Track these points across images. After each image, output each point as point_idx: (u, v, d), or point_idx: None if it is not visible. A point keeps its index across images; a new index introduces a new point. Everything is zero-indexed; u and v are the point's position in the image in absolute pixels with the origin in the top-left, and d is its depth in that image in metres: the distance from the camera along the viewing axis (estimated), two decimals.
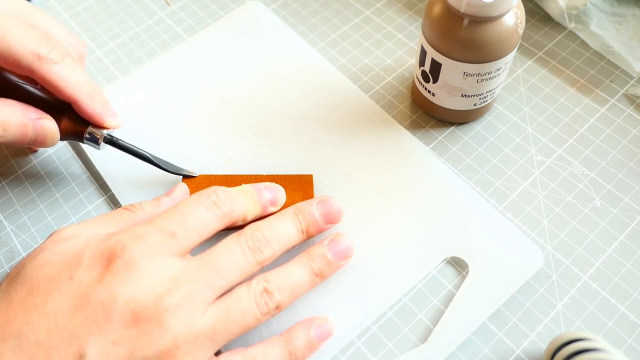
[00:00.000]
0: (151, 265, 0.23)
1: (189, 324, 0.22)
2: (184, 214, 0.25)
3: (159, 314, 0.22)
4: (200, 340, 0.22)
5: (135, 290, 0.22)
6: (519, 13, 0.28)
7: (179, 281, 0.23)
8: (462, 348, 0.27)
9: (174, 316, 0.22)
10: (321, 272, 0.27)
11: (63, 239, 0.24)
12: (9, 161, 0.34)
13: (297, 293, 0.26)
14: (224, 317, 0.23)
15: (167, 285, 0.22)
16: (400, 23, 0.40)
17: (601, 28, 0.36)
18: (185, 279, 0.23)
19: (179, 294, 0.22)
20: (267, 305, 0.24)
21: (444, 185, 0.31)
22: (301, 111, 0.35)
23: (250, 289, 0.24)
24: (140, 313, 0.22)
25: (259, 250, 0.25)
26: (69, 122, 0.29)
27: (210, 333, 0.23)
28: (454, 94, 0.31)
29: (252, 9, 0.40)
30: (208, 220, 0.25)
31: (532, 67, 0.37)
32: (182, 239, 0.24)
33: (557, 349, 0.24)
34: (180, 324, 0.22)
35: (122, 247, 0.23)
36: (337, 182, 0.32)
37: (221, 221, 0.25)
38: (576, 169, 0.32)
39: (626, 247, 0.29)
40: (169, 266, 0.23)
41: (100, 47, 0.40)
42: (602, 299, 0.28)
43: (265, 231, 0.26)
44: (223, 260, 0.24)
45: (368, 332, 0.27)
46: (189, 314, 0.22)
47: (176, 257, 0.24)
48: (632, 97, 0.35)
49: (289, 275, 0.26)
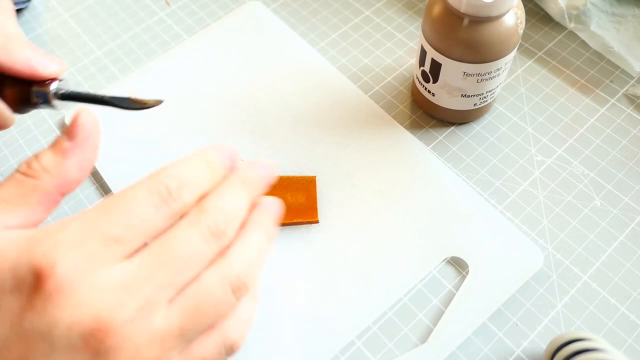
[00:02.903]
0: (92, 280, 0.19)
1: (150, 331, 0.19)
2: (130, 215, 0.20)
3: (113, 331, 0.19)
4: (168, 342, 0.20)
5: (78, 312, 0.18)
6: (519, 13, 0.28)
7: (131, 289, 0.19)
8: (462, 348, 0.27)
9: (132, 328, 0.19)
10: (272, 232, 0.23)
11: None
12: (9, 161, 0.34)
13: (260, 263, 0.23)
14: (192, 314, 0.20)
15: (117, 296, 0.19)
16: (400, 23, 0.40)
17: (601, 28, 0.36)
18: (139, 285, 0.19)
19: (133, 304, 0.19)
20: (241, 290, 0.21)
21: (444, 185, 0.31)
22: (301, 111, 0.35)
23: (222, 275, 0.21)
24: (91, 335, 0.18)
25: (223, 235, 0.21)
26: (11, 90, 0.25)
27: (178, 332, 0.20)
28: (454, 94, 0.31)
29: (252, 9, 0.40)
30: (157, 220, 0.21)
31: (532, 67, 0.37)
32: (127, 244, 0.20)
33: (557, 349, 0.24)
34: (140, 334, 0.19)
35: (51, 263, 0.19)
36: (337, 182, 0.32)
37: (171, 221, 0.21)
38: (576, 169, 0.32)
39: (626, 247, 0.29)
40: (115, 274, 0.19)
41: (100, 47, 0.40)
42: (602, 299, 0.28)
43: (225, 209, 0.22)
44: (182, 254, 0.20)
45: (368, 332, 0.27)
46: (148, 320, 0.19)
47: (122, 262, 0.20)
48: (632, 97, 0.35)
49: (251, 243, 0.22)
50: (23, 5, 0.41)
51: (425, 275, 0.29)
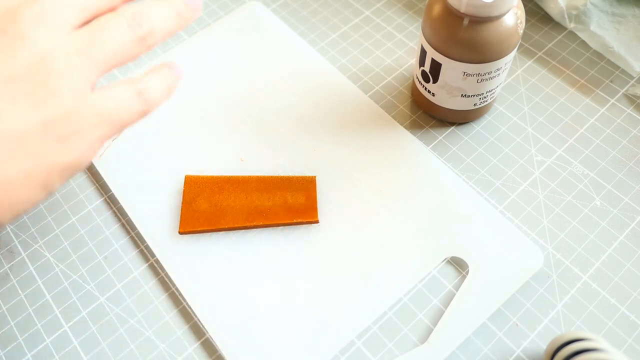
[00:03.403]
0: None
1: (54, 38, 0.20)
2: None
3: (16, 25, 0.20)
4: (74, 57, 0.20)
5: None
6: (519, 13, 0.28)
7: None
8: (462, 348, 0.27)
9: (34, 28, 0.20)
10: (180, 13, 0.23)
11: None
12: None
13: (167, 26, 0.23)
14: (95, 36, 0.21)
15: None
16: (400, 23, 0.40)
17: (601, 28, 0.36)
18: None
19: (36, 7, 0.20)
20: (140, 27, 0.22)
21: (444, 185, 0.31)
22: (301, 111, 0.35)
23: (118, 13, 0.22)
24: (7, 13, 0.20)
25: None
26: None
27: (85, 50, 0.20)
28: (454, 94, 0.31)
29: (252, 9, 0.40)
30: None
31: (532, 67, 0.37)
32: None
33: (557, 349, 0.24)
34: (43, 37, 0.20)
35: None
36: (337, 182, 0.32)
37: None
38: (576, 169, 0.32)
39: (626, 247, 0.29)
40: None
41: None
42: (602, 299, 0.28)
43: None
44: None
45: (368, 332, 0.27)
46: (51, 29, 0.20)
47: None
48: (632, 97, 0.35)
49: (154, 9, 0.23)
50: None
51: (425, 275, 0.29)
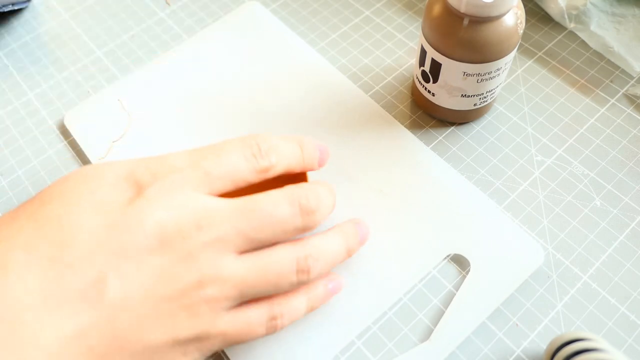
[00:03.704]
0: (183, 196, 0.21)
1: (217, 265, 0.21)
2: (221, 156, 0.22)
3: (187, 247, 0.20)
4: (227, 287, 0.21)
5: (165, 217, 0.20)
6: (519, 13, 0.28)
7: (214, 220, 0.21)
8: (462, 348, 0.27)
9: (202, 252, 0.20)
10: (352, 250, 0.25)
11: (84, 166, 0.22)
12: (9, 161, 0.34)
13: (333, 263, 0.24)
14: (257, 272, 0.21)
15: (200, 221, 0.21)
16: (400, 23, 0.40)
17: (601, 28, 0.36)
18: (219, 220, 0.21)
19: (211, 232, 0.20)
20: (308, 273, 0.23)
21: (445, 184, 0.31)
22: (301, 111, 0.35)
23: (294, 251, 0.22)
24: (167, 242, 0.20)
25: (312, 214, 0.23)
26: None
27: (240, 283, 0.21)
28: (454, 94, 0.31)
29: (251, 9, 0.40)
30: (244, 170, 0.23)
31: (532, 67, 0.37)
32: (215, 181, 0.22)
33: (557, 349, 0.24)
34: (207, 263, 0.20)
35: (153, 175, 0.21)
36: (337, 181, 0.32)
37: (258, 175, 0.23)
38: (576, 169, 0.32)
39: (626, 247, 0.29)
40: (203, 202, 0.21)
41: (100, 47, 0.40)
42: (602, 299, 0.28)
43: (320, 195, 0.24)
44: (266, 212, 0.22)
45: (368, 332, 0.27)
46: (218, 255, 0.21)
47: (208, 196, 0.22)
48: (632, 97, 0.35)
49: (331, 245, 0.24)
50: (23, 5, 0.41)
51: (426, 275, 0.29)
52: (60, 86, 0.38)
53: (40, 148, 0.35)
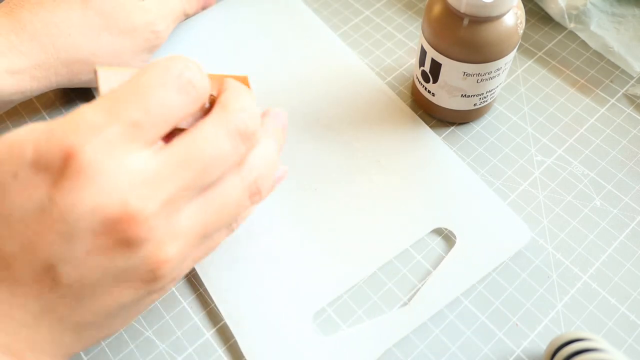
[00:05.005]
0: (114, 165, 0.18)
1: (172, 227, 0.19)
2: (146, 97, 0.19)
3: (138, 223, 0.18)
4: (189, 238, 0.20)
5: (103, 197, 0.18)
6: (519, 13, 0.28)
7: (154, 184, 0.19)
8: (462, 348, 0.27)
9: (154, 223, 0.19)
10: (282, 144, 0.25)
11: (5, 134, 0.19)
12: None
13: (275, 168, 0.24)
14: (215, 215, 0.21)
15: (140, 190, 0.18)
16: (400, 23, 0.40)
17: (601, 28, 0.36)
18: (161, 180, 0.19)
19: (156, 199, 0.19)
20: (259, 194, 0.23)
21: (439, 160, 0.32)
22: (307, 83, 0.36)
23: (242, 179, 0.22)
24: (112, 223, 0.18)
25: (252, 136, 0.21)
26: None
27: (201, 230, 0.21)
28: (454, 94, 0.31)
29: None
30: (180, 105, 0.20)
31: (532, 67, 0.37)
32: (148, 131, 0.19)
33: (557, 349, 0.24)
34: (162, 229, 0.19)
35: (73, 145, 0.18)
36: (336, 150, 0.33)
37: (196, 105, 0.21)
38: (576, 169, 0.32)
39: (626, 247, 0.29)
40: (138, 165, 0.19)
41: None
42: (602, 299, 0.28)
43: (254, 114, 0.22)
44: (208, 154, 0.20)
45: (356, 287, 0.27)
46: (170, 217, 0.19)
47: (143, 151, 0.19)
48: (632, 97, 0.35)
49: (270, 155, 0.23)
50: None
51: (415, 242, 0.30)
52: None
53: None
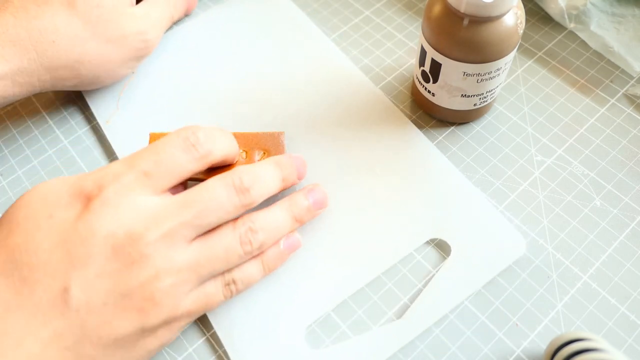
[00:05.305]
0: (127, 203, 0.23)
1: (169, 258, 0.23)
2: (158, 154, 0.25)
3: (139, 249, 0.23)
4: (183, 273, 0.23)
5: (114, 225, 0.23)
6: (519, 13, 0.28)
7: (157, 219, 0.23)
8: (462, 348, 0.27)
9: (154, 251, 0.23)
10: (301, 218, 0.28)
11: (42, 183, 0.25)
12: (9, 161, 0.34)
13: (278, 235, 0.27)
14: (207, 253, 0.24)
15: (146, 222, 0.23)
16: (400, 23, 0.40)
17: (601, 28, 0.36)
18: (164, 217, 0.23)
19: (158, 230, 0.23)
20: (250, 244, 0.25)
21: (436, 171, 0.32)
22: (302, 89, 0.36)
23: (235, 228, 0.25)
24: (120, 248, 0.22)
25: (246, 192, 0.25)
26: None
27: (194, 267, 0.24)
28: (454, 94, 0.31)
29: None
30: (183, 162, 0.25)
31: (532, 67, 0.37)
32: (157, 179, 0.24)
33: (557, 349, 0.24)
34: (160, 258, 0.23)
35: (98, 187, 0.23)
36: (333, 157, 0.33)
37: (198, 163, 0.25)
38: (576, 169, 0.32)
39: (626, 247, 0.29)
40: (146, 204, 0.23)
41: None
42: (602, 299, 0.28)
43: (253, 174, 0.26)
44: (205, 200, 0.24)
45: (343, 305, 0.27)
46: (169, 249, 0.23)
47: (152, 195, 0.24)
48: (632, 97, 0.35)
49: (273, 217, 0.27)
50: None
51: (407, 256, 0.29)
52: None
53: (40, 148, 0.35)
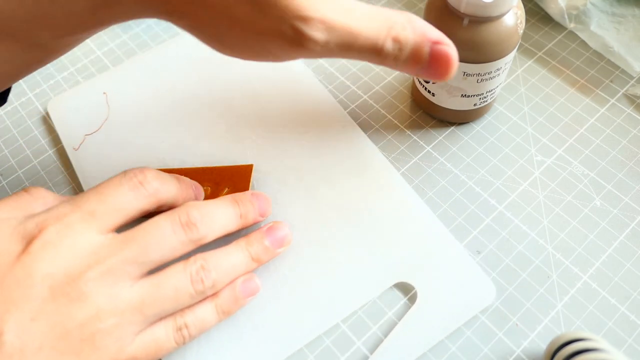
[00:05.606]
0: (69, 243, 0.22)
1: (112, 296, 0.22)
2: (103, 194, 0.24)
3: (78, 288, 0.21)
4: (127, 314, 0.22)
5: (52, 266, 0.21)
6: (519, 13, 0.28)
7: (100, 256, 0.22)
8: (462, 348, 0.27)
9: (94, 289, 0.21)
10: (258, 257, 0.26)
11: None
12: (9, 161, 0.34)
13: (233, 275, 0.25)
14: (154, 292, 0.23)
15: (87, 260, 0.22)
16: None
17: (601, 28, 0.36)
18: (106, 254, 0.22)
19: (99, 268, 0.22)
20: (202, 283, 0.24)
21: (408, 211, 0.30)
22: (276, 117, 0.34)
23: (186, 266, 0.24)
24: (58, 288, 0.21)
25: (193, 227, 0.24)
26: None
27: (139, 306, 0.22)
28: (454, 94, 0.31)
29: None
30: (131, 200, 0.24)
31: (532, 67, 0.37)
32: (102, 218, 0.23)
33: (557, 349, 0.24)
34: (102, 296, 0.22)
35: (40, 228, 0.22)
36: (299, 193, 0.31)
37: (146, 201, 0.24)
38: (576, 169, 0.32)
39: (626, 247, 0.29)
40: (89, 243, 0.22)
41: (100, 47, 0.40)
42: (602, 299, 0.28)
43: (202, 209, 0.25)
44: (149, 235, 0.23)
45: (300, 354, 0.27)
46: (111, 287, 0.22)
47: (97, 234, 0.23)
48: (632, 97, 0.35)
49: (227, 256, 0.25)
50: None
51: (368, 301, 0.28)
52: (60, 86, 0.38)
53: (40, 148, 0.35)
